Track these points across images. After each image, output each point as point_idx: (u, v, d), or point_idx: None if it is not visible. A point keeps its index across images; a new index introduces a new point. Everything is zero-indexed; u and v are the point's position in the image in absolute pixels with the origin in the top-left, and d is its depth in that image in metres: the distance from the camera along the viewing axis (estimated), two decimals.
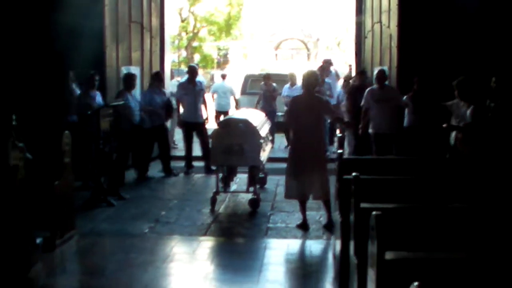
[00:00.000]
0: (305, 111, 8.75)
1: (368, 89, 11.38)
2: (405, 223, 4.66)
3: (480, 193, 5.83)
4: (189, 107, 12.96)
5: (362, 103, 11.16)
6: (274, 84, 17.02)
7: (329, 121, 12.61)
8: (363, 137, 11.48)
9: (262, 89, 16.93)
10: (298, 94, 9.59)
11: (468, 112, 8.82)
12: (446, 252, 4.05)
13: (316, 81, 9.16)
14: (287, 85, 16.60)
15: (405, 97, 10.97)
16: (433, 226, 4.63)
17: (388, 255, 3.68)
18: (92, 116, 10.10)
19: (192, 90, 12.97)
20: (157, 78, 12.98)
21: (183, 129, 13.30)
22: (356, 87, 12.43)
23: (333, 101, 13.32)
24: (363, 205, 5.03)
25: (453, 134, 9.14)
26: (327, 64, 15.25)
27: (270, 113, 14.91)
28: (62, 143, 8.03)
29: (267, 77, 17.24)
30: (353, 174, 5.32)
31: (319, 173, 8.66)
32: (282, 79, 20.89)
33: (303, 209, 8.92)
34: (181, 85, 13.46)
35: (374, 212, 3.72)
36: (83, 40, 11.87)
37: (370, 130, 11.24)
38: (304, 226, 8.79)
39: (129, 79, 12.05)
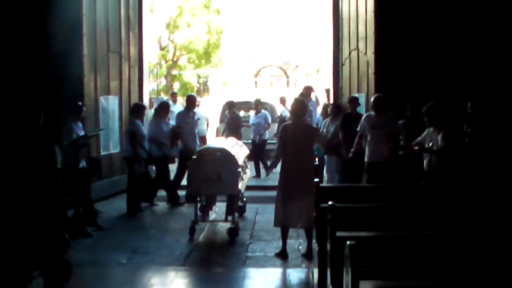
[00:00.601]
0: (294, 139, 8.77)
1: (365, 115, 10.97)
2: (379, 251, 4.66)
3: (452, 220, 5.85)
4: (188, 136, 12.89)
5: (358, 128, 10.79)
6: (242, 112, 17.02)
7: None
8: (353, 165, 11.07)
9: (226, 118, 16.80)
10: (288, 122, 9.62)
11: (440, 137, 8.73)
12: (419, 280, 4.06)
13: (305, 108, 9.20)
14: (253, 113, 16.62)
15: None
16: (407, 254, 4.64)
17: (363, 285, 3.68)
18: (69, 146, 10.06)
19: (191, 119, 12.99)
20: (164, 108, 13.01)
21: (181, 158, 13.03)
22: (348, 115, 11.91)
23: None
24: (339, 233, 5.03)
25: (426, 159, 9.11)
26: (307, 90, 15.29)
27: None
28: None
29: (231, 105, 16.97)
30: (329, 202, 5.32)
31: (308, 201, 8.54)
32: (250, 106, 21.08)
33: (285, 237, 8.86)
34: (180, 115, 13.32)
35: (348, 242, 3.72)
36: (62, 69, 11.88)
37: (365, 159, 10.58)
38: (283, 255, 8.75)
39: (141, 108, 12.38)
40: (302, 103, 9.21)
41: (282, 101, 18.64)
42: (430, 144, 8.83)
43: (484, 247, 4.78)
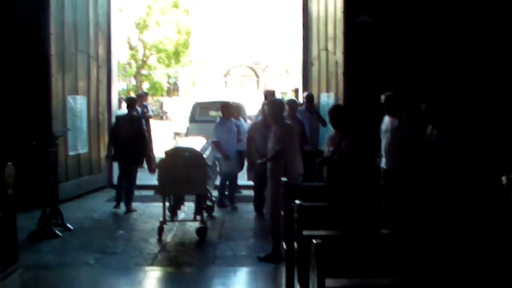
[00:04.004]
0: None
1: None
2: (345, 250, 4.68)
3: (414, 217, 5.90)
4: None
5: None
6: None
7: None
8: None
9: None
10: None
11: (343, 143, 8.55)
12: (385, 278, 4.09)
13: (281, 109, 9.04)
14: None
15: None
16: (372, 252, 4.67)
17: (328, 283, 3.70)
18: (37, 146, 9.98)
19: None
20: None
21: None
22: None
23: None
24: (305, 232, 5.05)
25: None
26: (269, 95, 14.32)
27: None
28: (5, 175, 7.89)
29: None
30: (296, 202, 5.33)
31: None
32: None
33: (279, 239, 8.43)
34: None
35: (314, 241, 3.73)
36: (29, 69, 11.79)
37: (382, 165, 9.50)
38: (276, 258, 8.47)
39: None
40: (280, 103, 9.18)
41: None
42: (331, 149, 8.48)
43: (447, 245, 4.84)
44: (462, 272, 4.61)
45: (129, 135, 11.87)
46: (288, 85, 50.11)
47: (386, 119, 9.44)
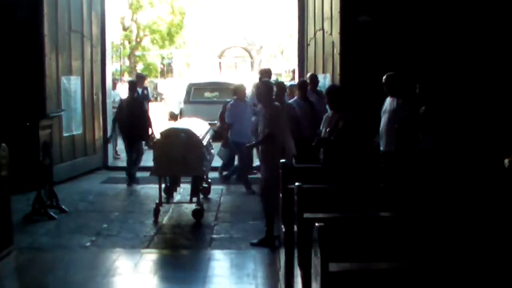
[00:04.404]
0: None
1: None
2: (346, 232, 4.61)
3: (418, 200, 5.83)
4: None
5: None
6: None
7: None
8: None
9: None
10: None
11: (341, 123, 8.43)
12: (389, 262, 4.01)
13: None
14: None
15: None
16: (375, 235, 4.59)
17: (331, 267, 3.62)
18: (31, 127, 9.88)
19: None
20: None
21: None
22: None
23: None
24: (306, 215, 4.96)
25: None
26: (265, 74, 14.02)
27: None
28: None
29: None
30: (296, 184, 5.24)
31: None
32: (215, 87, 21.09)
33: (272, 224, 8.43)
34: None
35: (317, 224, 3.65)
36: (22, 49, 11.65)
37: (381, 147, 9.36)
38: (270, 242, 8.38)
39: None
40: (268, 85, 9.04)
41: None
42: (327, 130, 8.35)
43: (448, 228, 4.77)
44: (464, 255, 4.55)
45: (133, 116, 12.47)
46: (282, 66, 49.99)
47: (387, 100, 9.31)
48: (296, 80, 14.70)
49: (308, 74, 12.92)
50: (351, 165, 7.76)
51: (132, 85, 13.26)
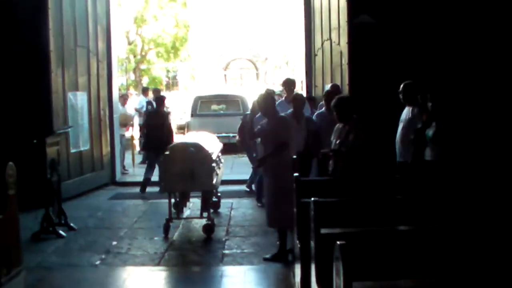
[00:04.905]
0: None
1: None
2: (367, 248, 4.46)
3: (440, 213, 5.67)
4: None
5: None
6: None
7: None
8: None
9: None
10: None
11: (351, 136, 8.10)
12: (412, 279, 3.87)
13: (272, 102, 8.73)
14: None
15: None
16: (397, 250, 4.44)
17: (355, 286, 3.47)
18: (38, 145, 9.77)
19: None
20: None
21: None
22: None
23: None
24: (323, 230, 4.82)
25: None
26: (287, 84, 12.30)
27: None
28: (6, 174, 7.66)
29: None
30: (312, 198, 5.10)
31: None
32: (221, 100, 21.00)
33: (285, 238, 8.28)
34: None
35: (338, 242, 3.50)
36: (27, 65, 11.56)
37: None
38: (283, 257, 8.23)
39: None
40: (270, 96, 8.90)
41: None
42: (338, 141, 8.19)
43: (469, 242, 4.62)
44: (487, 269, 4.39)
45: (159, 129, 13.30)
46: (288, 77, 49.84)
47: (405, 109, 9.10)
48: (303, 91, 14.57)
49: (329, 85, 12.05)
50: (365, 176, 7.61)
51: (160, 100, 14.23)
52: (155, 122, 13.50)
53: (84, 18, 13.32)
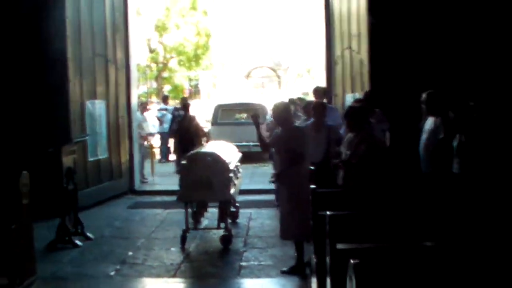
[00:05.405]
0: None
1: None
2: (385, 264, 4.28)
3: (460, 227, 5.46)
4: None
5: None
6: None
7: None
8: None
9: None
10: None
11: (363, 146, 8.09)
12: None
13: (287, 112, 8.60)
14: None
15: None
16: (414, 267, 4.25)
17: None
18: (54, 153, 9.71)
19: None
20: None
21: None
22: None
23: None
24: (339, 246, 4.64)
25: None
26: (317, 93, 12.03)
27: None
28: (20, 184, 7.59)
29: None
30: (328, 212, 4.93)
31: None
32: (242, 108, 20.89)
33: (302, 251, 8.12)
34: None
35: (352, 261, 3.34)
36: (46, 74, 11.51)
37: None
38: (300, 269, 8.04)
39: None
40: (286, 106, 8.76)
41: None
42: (348, 152, 8.01)
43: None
44: None
45: (190, 132, 14.91)
46: (309, 85, 49.70)
47: (428, 119, 8.84)
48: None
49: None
50: (380, 188, 7.40)
51: (188, 106, 15.98)
52: (186, 127, 14.95)
53: (102, 26, 13.28)
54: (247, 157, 12.81)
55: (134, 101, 14.95)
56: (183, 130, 15.25)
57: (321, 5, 14.85)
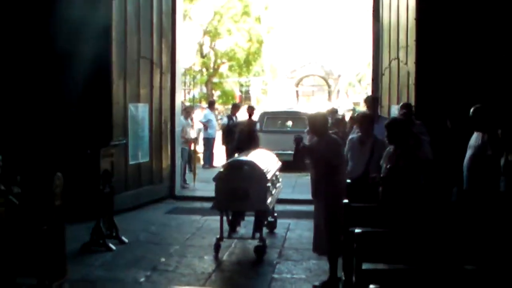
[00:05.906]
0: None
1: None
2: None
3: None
4: None
5: None
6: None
7: None
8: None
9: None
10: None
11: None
12: None
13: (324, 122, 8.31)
14: None
15: None
16: None
17: None
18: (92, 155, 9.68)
19: None
20: None
21: None
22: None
23: None
24: (365, 266, 4.43)
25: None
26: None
27: None
28: (53, 185, 7.54)
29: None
30: (356, 230, 4.72)
31: None
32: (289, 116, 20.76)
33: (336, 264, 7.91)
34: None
35: (372, 286, 3.14)
36: (90, 75, 11.51)
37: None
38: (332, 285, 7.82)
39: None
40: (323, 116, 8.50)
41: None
42: (388, 166, 7.74)
43: None
44: None
45: (246, 135, 15.36)
46: (361, 95, 49.35)
47: (474, 135, 8.46)
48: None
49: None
50: (418, 206, 7.11)
51: (252, 111, 17.09)
52: (246, 131, 15.58)
53: (149, 29, 13.23)
54: (291, 166, 12.59)
55: (178, 106, 14.86)
56: (244, 135, 15.53)
57: (370, 15, 14.65)
